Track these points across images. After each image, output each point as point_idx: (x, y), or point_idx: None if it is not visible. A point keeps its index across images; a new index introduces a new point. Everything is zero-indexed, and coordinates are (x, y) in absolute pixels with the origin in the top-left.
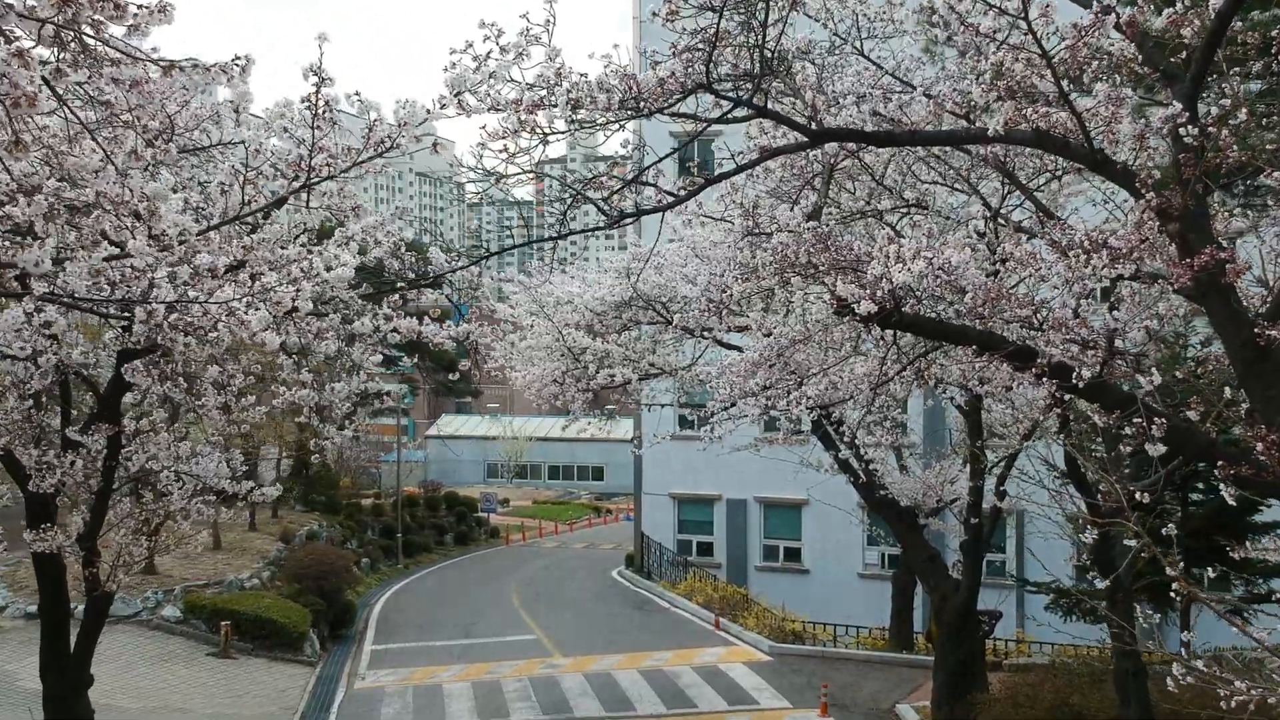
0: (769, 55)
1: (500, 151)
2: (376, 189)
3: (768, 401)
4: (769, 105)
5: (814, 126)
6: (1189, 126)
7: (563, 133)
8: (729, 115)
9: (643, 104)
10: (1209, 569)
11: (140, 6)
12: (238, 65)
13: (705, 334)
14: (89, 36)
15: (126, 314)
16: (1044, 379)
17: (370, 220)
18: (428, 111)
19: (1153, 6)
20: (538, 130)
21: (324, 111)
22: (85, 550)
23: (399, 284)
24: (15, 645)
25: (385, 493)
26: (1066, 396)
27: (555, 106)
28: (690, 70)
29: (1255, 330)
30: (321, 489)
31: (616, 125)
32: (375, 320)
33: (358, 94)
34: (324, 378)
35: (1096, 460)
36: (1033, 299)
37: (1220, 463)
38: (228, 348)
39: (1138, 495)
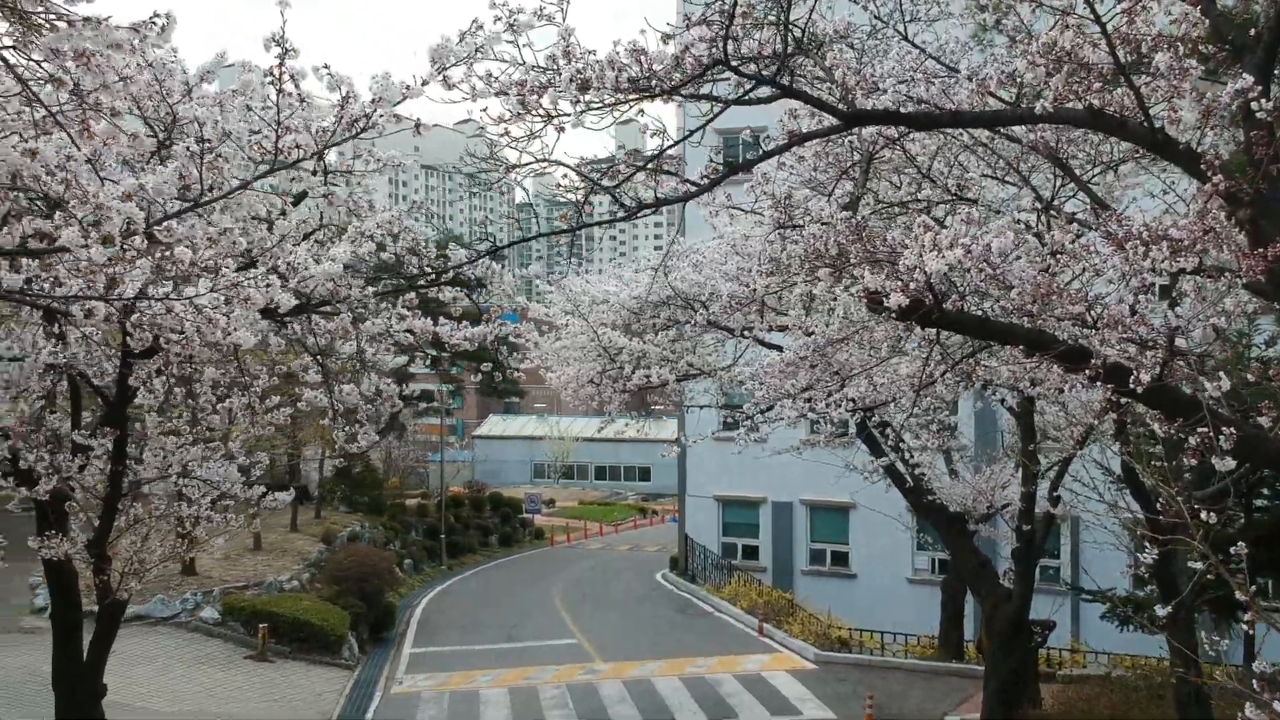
0: (798, 33)
1: (502, 135)
2: (428, 189)
3: (807, 404)
4: (798, 87)
5: (846, 108)
6: (1262, 100)
7: (568, 115)
8: (750, 95)
9: (656, 83)
10: None
11: None
12: (155, 24)
13: (745, 333)
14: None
15: (66, 311)
16: (1098, 382)
17: (384, 216)
18: (406, 88)
19: None
20: (542, 112)
21: (289, 86)
22: (95, 557)
23: (418, 281)
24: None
25: (432, 493)
26: (1124, 400)
27: (559, 88)
28: (713, 49)
29: None
30: (365, 490)
31: (627, 107)
32: (387, 320)
33: (327, 68)
34: (344, 378)
35: (1156, 469)
36: (1086, 295)
37: None
38: (232, 349)
39: (1203, 514)
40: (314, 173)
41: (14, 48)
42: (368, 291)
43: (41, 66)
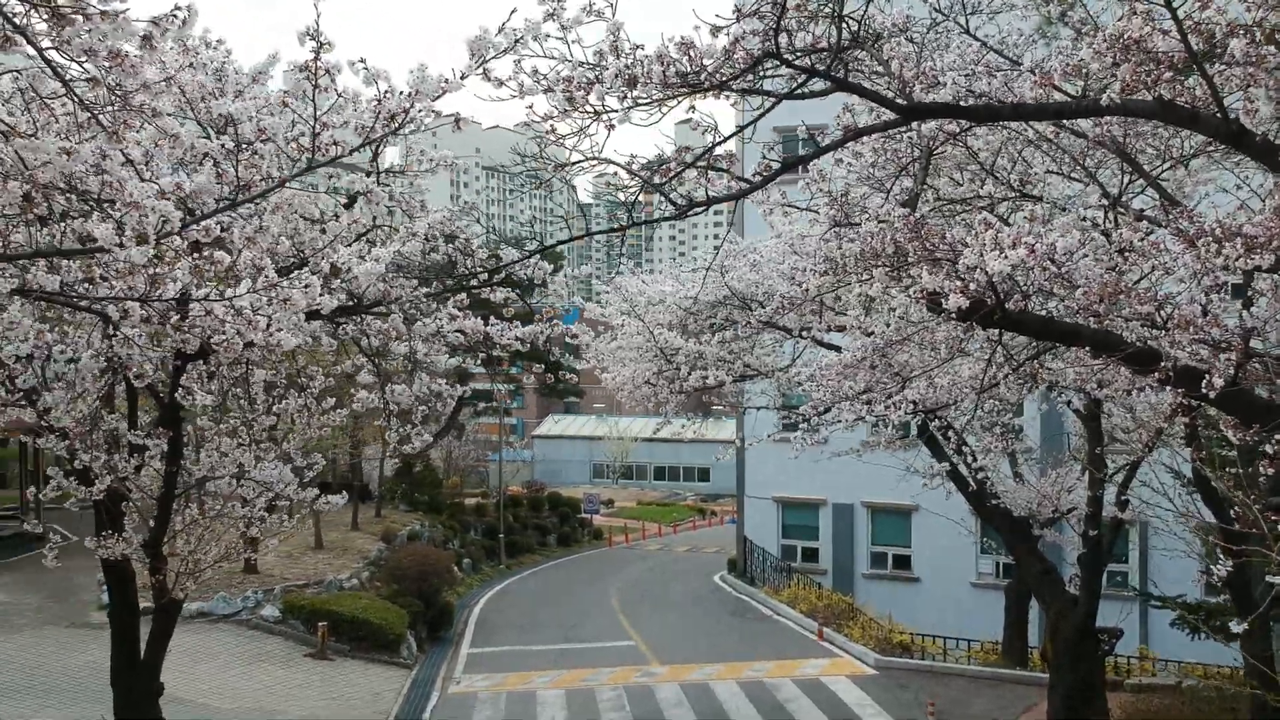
0: (853, 26)
1: (548, 133)
2: (488, 189)
3: (866, 406)
4: (854, 81)
5: (903, 102)
6: None
7: (616, 112)
8: (804, 89)
9: (705, 78)
10: None
11: None
12: (176, 18)
13: (803, 334)
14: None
15: (102, 311)
16: (1169, 385)
17: (436, 216)
18: (445, 81)
19: None
20: (590, 109)
21: (325, 81)
22: (150, 557)
23: (470, 282)
24: None
25: (491, 493)
26: (1195, 404)
27: (606, 84)
28: (765, 42)
29: None
30: (425, 489)
31: (675, 103)
32: (437, 321)
33: (363, 61)
34: (399, 379)
35: (1230, 476)
36: (1155, 294)
37: None
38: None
39: None
40: (368, 173)
41: (55, 48)
42: (420, 292)
43: (84, 67)
